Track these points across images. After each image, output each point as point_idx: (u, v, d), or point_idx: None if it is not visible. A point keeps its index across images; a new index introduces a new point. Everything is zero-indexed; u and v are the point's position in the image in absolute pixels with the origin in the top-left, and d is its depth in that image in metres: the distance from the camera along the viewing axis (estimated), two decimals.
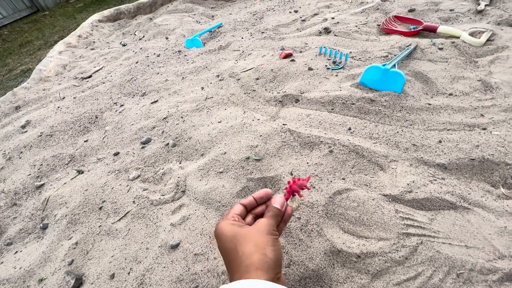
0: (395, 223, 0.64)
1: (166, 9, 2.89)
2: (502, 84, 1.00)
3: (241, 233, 0.40)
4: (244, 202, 0.48)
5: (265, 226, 0.41)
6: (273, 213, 0.45)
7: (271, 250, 0.38)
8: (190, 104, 1.19)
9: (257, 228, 0.41)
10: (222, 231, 0.41)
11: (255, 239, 0.39)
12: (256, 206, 0.49)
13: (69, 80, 1.80)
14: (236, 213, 0.46)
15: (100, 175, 0.96)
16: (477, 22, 1.42)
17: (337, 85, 1.11)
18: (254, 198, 0.48)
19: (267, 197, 0.49)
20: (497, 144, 0.78)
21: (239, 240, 0.39)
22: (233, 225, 0.42)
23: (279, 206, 0.46)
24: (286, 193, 0.50)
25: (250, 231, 0.40)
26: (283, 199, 0.47)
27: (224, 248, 0.40)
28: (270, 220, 0.43)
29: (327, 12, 1.93)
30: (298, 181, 0.50)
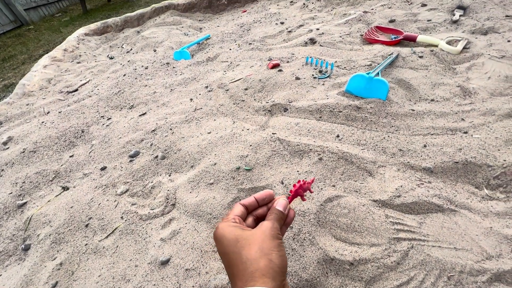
0: (386, 228, 0.65)
1: (154, 22, 2.91)
2: (480, 89, 1.05)
3: (243, 236, 0.38)
4: (245, 202, 0.45)
5: (270, 229, 0.39)
6: (277, 216, 0.42)
7: (277, 256, 0.36)
8: (179, 115, 1.18)
9: (262, 231, 0.39)
10: (223, 233, 0.39)
11: (260, 243, 0.36)
12: (257, 207, 0.46)
13: (54, 94, 1.76)
14: (236, 214, 0.43)
15: (87, 191, 0.93)
16: (453, 31, 1.49)
17: (324, 94, 1.13)
18: (255, 198, 0.46)
19: (270, 199, 0.47)
20: (478, 147, 0.81)
21: (242, 244, 0.37)
22: (235, 227, 0.39)
23: (282, 209, 0.44)
24: (290, 196, 0.48)
25: (254, 234, 0.38)
26: (287, 201, 0.46)
27: (226, 252, 0.38)
28: (274, 223, 0.41)
29: (312, 24, 1.99)
30: (304, 184, 0.48)
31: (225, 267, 0.39)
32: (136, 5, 4.89)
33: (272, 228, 0.39)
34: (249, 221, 0.45)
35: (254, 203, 0.46)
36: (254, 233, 0.38)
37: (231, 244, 0.38)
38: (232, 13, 2.93)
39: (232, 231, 0.39)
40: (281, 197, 0.46)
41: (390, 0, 2.08)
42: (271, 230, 0.39)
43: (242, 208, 0.45)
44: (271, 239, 0.38)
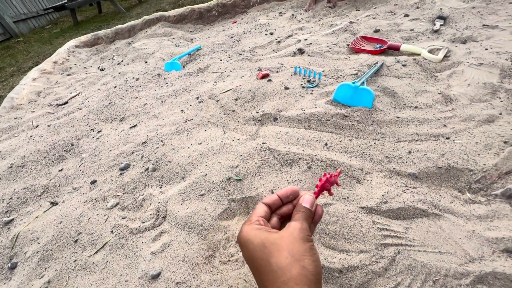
0: (373, 234, 0.66)
1: (145, 33, 2.93)
2: (460, 96, 1.09)
3: (270, 240, 0.34)
4: (268, 201, 0.42)
5: (299, 231, 0.35)
6: (304, 214, 0.39)
7: (310, 261, 0.32)
8: (170, 127, 1.19)
9: (290, 233, 0.35)
10: (248, 237, 0.36)
11: (290, 248, 0.33)
12: (281, 206, 0.43)
13: (43, 107, 1.75)
14: (260, 215, 0.40)
15: (76, 206, 0.92)
16: (435, 40, 1.56)
17: (313, 103, 1.16)
18: (279, 196, 0.42)
19: (294, 195, 0.43)
20: (460, 152, 0.84)
21: (270, 249, 0.34)
22: (260, 230, 0.36)
23: (309, 206, 0.40)
24: (316, 191, 0.44)
25: (282, 237, 0.34)
26: (313, 197, 0.42)
27: (252, 258, 0.35)
28: (303, 223, 0.37)
29: (300, 34, 2.04)
30: (331, 178, 0.44)
31: (253, 274, 0.36)
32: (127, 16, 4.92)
33: (301, 229, 0.36)
34: (274, 221, 0.41)
35: (277, 202, 0.42)
36: (282, 236, 0.35)
37: (257, 250, 0.34)
38: (223, 24, 2.98)
39: (258, 235, 0.35)
40: (306, 193, 0.42)
41: (375, 11, 2.17)
42: (300, 231, 0.35)
43: (265, 207, 0.41)
44: (301, 242, 0.34)
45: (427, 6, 1.99)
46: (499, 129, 0.88)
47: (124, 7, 5.62)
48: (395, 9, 2.11)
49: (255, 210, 0.41)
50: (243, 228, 0.38)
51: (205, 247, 0.72)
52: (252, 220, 0.39)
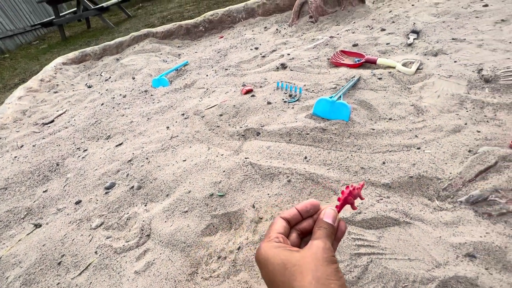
0: (348, 244, 0.70)
1: (133, 49, 2.97)
2: (431, 107, 1.16)
3: (291, 261, 0.32)
4: (287, 215, 0.39)
5: (322, 251, 0.33)
6: (326, 231, 0.36)
7: (336, 286, 0.30)
8: (155, 144, 1.21)
9: (313, 254, 0.32)
10: (267, 256, 0.33)
11: (314, 271, 0.30)
12: (300, 221, 0.40)
13: (28, 126, 1.74)
14: (279, 232, 0.37)
15: (60, 227, 0.92)
16: (408, 54, 1.65)
17: (293, 117, 1.21)
18: (298, 210, 0.40)
19: (315, 210, 0.40)
20: (429, 161, 0.90)
21: (292, 272, 0.31)
22: (279, 249, 0.34)
23: (331, 221, 0.37)
24: (338, 204, 0.42)
25: (304, 258, 0.32)
26: (335, 211, 0.39)
27: (273, 281, 0.32)
28: (326, 242, 0.34)
29: (284, 49, 2.12)
30: (354, 190, 0.41)
31: None
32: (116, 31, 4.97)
33: (324, 249, 0.33)
34: (293, 237, 0.38)
35: (297, 216, 0.40)
36: (304, 257, 0.32)
37: (277, 272, 0.32)
38: (210, 39, 3.06)
39: (278, 254, 0.33)
40: (327, 207, 0.39)
41: (354, 25, 2.27)
42: (323, 252, 0.33)
43: (284, 223, 0.38)
44: (325, 264, 0.31)
45: (402, 20, 2.11)
46: (464, 138, 0.94)
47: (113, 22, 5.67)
48: (372, 24, 2.22)
49: (273, 226, 0.38)
50: (262, 246, 0.35)
51: (188, 264, 0.73)
52: (271, 237, 0.36)
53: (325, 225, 0.37)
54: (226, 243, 0.75)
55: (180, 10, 5.03)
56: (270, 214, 0.81)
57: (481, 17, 1.86)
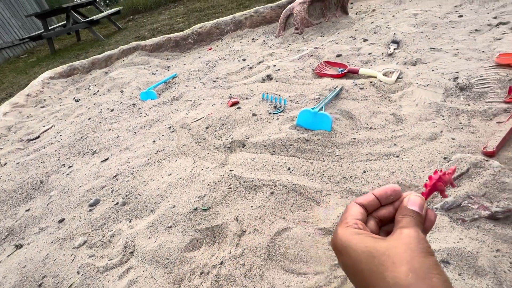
0: (328, 255, 0.71)
1: (122, 62, 2.99)
2: (409, 115, 1.20)
3: (379, 249, 0.29)
4: (363, 201, 0.35)
5: (416, 241, 0.28)
6: (414, 220, 0.31)
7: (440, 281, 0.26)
8: (141, 159, 1.22)
9: (405, 244, 0.28)
10: (349, 243, 0.30)
11: (410, 262, 0.27)
12: (378, 208, 0.36)
13: (13, 143, 1.72)
14: (356, 218, 0.33)
15: (42, 247, 0.91)
16: (389, 63, 1.71)
17: (278, 128, 1.23)
18: (375, 196, 0.36)
19: (396, 196, 0.35)
20: (407, 169, 0.93)
21: (381, 261, 0.28)
22: (361, 235, 0.30)
23: (417, 209, 0.32)
24: (425, 191, 0.36)
25: (394, 247, 0.28)
26: (422, 198, 0.34)
27: (357, 269, 0.29)
28: (418, 231, 0.30)
29: (270, 60, 2.17)
30: (444, 176, 0.36)
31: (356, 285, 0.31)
32: (106, 44, 4.98)
33: (418, 238, 0.29)
34: (371, 225, 0.34)
35: (374, 202, 0.35)
36: (394, 246, 0.28)
37: (363, 260, 0.29)
38: (199, 51, 3.10)
39: (361, 241, 0.30)
40: (411, 193, 0.34)
41: (338, 36, 2.35)
42: (418, 242, 0.28)
43: (361, 209, 0.35)
44: (423, 255, 0.27)
45: (383, 31, 2.19)
46: (440, 146, 0.98)
47: (104, 34, 5.69)
48: (355, 34, 2.30)
49: (348, 211, 0.34)
50: (339, 231, 0.32)
51: (171, 280, 0.73)
52: (349, 222, 0.32)
53: (411, 213, 0.32)
54: (209, 258, 0.76)
55: (171, 22, 5.10)
56: (253, 227, 0.81)
57: (457, 27, 1.95)
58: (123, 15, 7.04)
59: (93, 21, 5.17)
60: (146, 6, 7.17)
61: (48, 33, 4.98)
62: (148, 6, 7.18)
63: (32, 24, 7.05)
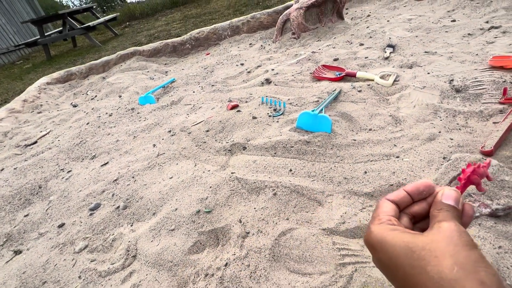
0: (333, 255, 0.71)
1: (120, 68, 2.99)
2: (407, 117, 1.22)
3: (418, 244, 0.28)
4: (394, 198, 0.34)
5: (458, 234, 0.27)
6: (451, 214, 0.30)
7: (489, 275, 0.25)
8: (142, 162, 1.21)
9: (446, 237, 0.27)
10: (385, 239, 0.29)
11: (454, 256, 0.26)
12: (410, 204, 0.35)
13: (10, 149, 1.70)
14: (389, 214, 0.32)
15: (42, 253, 0.89)
16: (385, 67, 1.74)
17: (278, 131, 1.24)
18: (407, 192, 0.35)
19: (429, 191, 0.34)
20: (408, 169, 0.94)
21: (422, 256, 0.27)
22: (397, 231, 0.29)
23: (453, 203, 0.31)
24: (460, 185, 0.35)
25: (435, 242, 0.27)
26: (458, 192, 0.32)
27: (395, 265, 0.28)
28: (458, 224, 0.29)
29: (268, 64, 2.19)
30: (479, 168, 0.34)
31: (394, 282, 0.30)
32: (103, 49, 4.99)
33: (459, 231, 0.28)
34: (405, 221, 0.33)
35: (406, 199, 0.34)
36: (434, 240, 0.28)
37: (402, 255, 0.28)
38: (196, 56, 3.12)
39: (398, 237, 0.29)
40: (445, 188, 0.33)
41: (334, 41, 2.39)
42: (460, 235, 0.27)
43: (392, 205, 0.34)
44: (468, 248, 0.26)
45: (379, 35, 2.23)
46: (439, 146, 0.99)
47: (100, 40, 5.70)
48: (352, 39, 2.34)
49: (381, 208, 0.34)
50: (372, 228, 0.31)
51: (175, 283, 0.72)
52: (382, 219, 0.32)
53: (447, 207, 0.31)
54: (214, 260, 0.75)
55: (167, 28, 5.13)
56: (257, 228, 0.81)
57: (450, 31, 2.00)
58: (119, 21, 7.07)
59: (90, 27, 5.18)
60: (143, 12, 7.22)
61: (44, 39, 4.97)
62: (145, 13, 7.23)
63: (27, 30, 7.03)
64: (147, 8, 7.21)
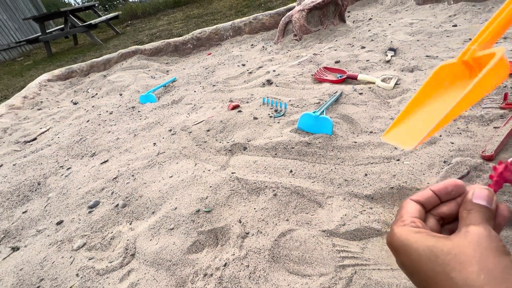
0: (333, 256, 0.71)
1: (121, 66, 2.99)
2: None
3: (442, 248, 0.26)
4: (419, 198, 0.32)
5: (488, 239, 0.26)
6: (483, 215, 0.28)
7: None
8: (142, 161, 1.21)
9: (474, 242, 0.26)
10: (408, 242, 0.28)
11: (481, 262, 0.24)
12: (438, 204, 0.33)
13: (9, 145, 1.69)
14: (413, 215, 0.31)
15: (39, 250, 0.89)
16: (387, 70, 1.74)
17: (279, 132, 1.24)
18: (434, 192, 0.32)
19: (459, 191, 0.32)
20: (408, 172, 0.94)
21: (446, 260, 0.26)
22: (421, 234, 0.28)
23: (486, 203, 0.29)
24: (492, 183, 0.33)
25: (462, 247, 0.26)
26: (490, 191, 0.30)
27: (418, 269, 0.27)
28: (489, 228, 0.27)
29: (269, 65, 2.19)
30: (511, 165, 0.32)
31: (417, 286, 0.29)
32: (104, 48, 4.98)
33: (489, 236, 0.26)
34: (432, 223, 0.31)
35: (433, 199, 0.32)
36: (460, 245, 0.26)
37: (425, 259, 0.27)
38: (198, 56, 3.12)
39: (421, 240, 0.27)
40: (476, 186, 0.31)
41: (336, 43, 2.39)
42: (489, 240, 0.25)
43: (417, 206, 0.32)
44: (497, 254, 0.25)
45: (380, 39, 2.24)
46: (440, 150, 0.99)
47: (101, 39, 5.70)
48: (353, 42, 2.35)
49: (405, 209, 0.32)
50: (395, 230, 0.30)
51: (173, 283, 0.72)
52: (406, 220, 0.30)
53: (478, 208, 0.29)
54: (213, 260, 0.75)
55: (169, 27, 5.13)
56: (257, 229, 0.81)
57: (451, 36, 2.00)
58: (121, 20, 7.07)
59: (92, 25, 5.18)
60: (145, 12, 7.23)
61: (45, 36, 4.97)
62: (147, 12, 7.23)
63: (28, 27, 7.03)
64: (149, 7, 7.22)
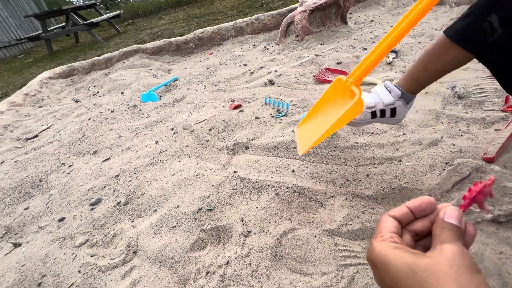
0: (335, 256, 0.71)
1: (122, 64, 2.99)
2: (410, 121, 1.23)
3: (420, 265, 0.27)
4: (396, 214, 0.34)
5: (461, 257, 0.27)
6: (455, 234, 0.30)
7: None
8: (144, 159, 1.21)
9: (449, 260, 0.27)
10: (387, 258, 0.29)
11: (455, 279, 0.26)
12: (412, 221, 0.34)
13: (10, 141, 1.69)
14: (391, 231, 0.32)
15: (41, 246, 0.89)
16: (389, 72, 1.75)
17: (281, 131, 1.24)
18: (409, 209, 0.34)
19: (431, 208, 0.34)
20: (410, 173, 0.94)
21: (424, 278, 0.27)
22: (400, 250, 0.29)
23: (456, 223, 0.31)
24: (463, 203, 0.35)
25: (437, 264, 0.27)
26: (460, 211, 0.32)
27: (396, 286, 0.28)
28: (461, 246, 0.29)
29: (271, 66, 2.20)
30: (485, 188, 0.35)
31: None
32: (105, 46, 4.98)
33: (462, 254, 0.28)
34: (407, 239, 0.33)
35: (408, 215, 0.34)
36: (436, 262, 0.27)
37: (403, 276, 0.28)
38: (200, 55, 3.13)
39: (400, 256, 0.29)
40: (447, 206, 0.33)
41: (337, 45, 2.40)
42: (462, 258, 0.27)
43: (394, 222, 0.33)
44: (470, 272, 0.26)
45: None
46: (441, 151, 1.00)
47: (103, 37, 5.70)
48: (355, 43, 2.35)
49: (383, 224, 0.33)
50: (375, 245, 0.31)
51: (175, 280, 0.72)
52: (384, 236, 0.31)
53: (449, 227, 0.30)
54: (215, 258, 0.75)
55: (171, 27, 5.14)
56: (259, 228, 0.81)
57: None
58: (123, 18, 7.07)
59: (93, 23, 5.18)
60: (146, 11, 7.23)
61: (46, 34, 4.97)
62: (148, 11, 7.24)
63: (30, 24, 7.02)
64: (150, 6, 7.22)
